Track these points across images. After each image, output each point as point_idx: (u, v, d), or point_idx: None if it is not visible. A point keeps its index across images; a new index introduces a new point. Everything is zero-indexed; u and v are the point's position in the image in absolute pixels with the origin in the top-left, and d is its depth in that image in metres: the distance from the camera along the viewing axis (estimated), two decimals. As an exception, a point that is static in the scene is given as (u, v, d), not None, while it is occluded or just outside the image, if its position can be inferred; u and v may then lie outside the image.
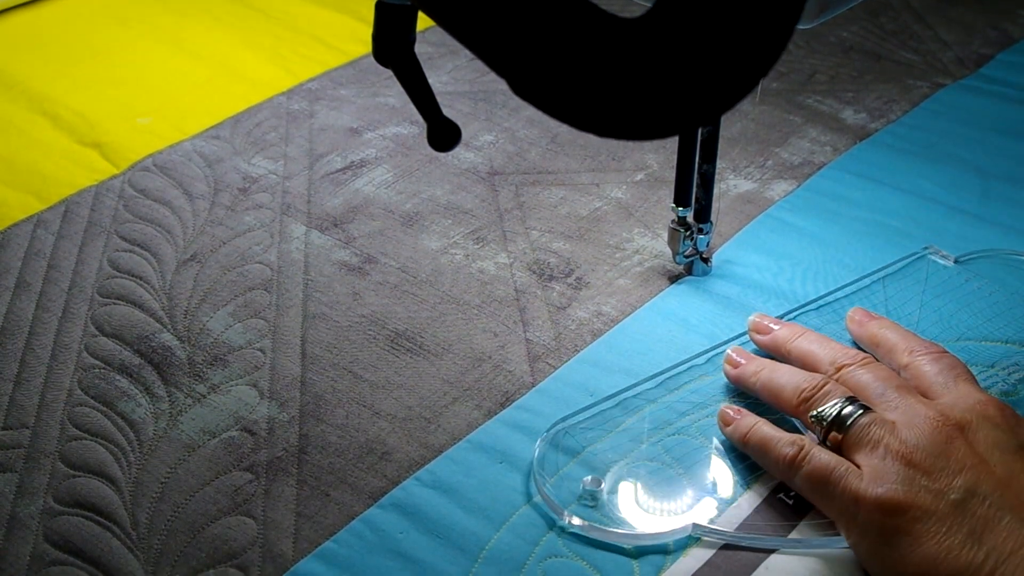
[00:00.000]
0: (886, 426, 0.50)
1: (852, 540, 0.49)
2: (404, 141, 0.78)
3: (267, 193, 0.73)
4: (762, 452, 0.53)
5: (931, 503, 0.47)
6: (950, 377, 0.53)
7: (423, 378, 0.59)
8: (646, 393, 0.57)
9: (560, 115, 0.40)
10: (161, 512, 0.52)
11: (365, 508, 0.52)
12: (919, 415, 0.50)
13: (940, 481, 0.48)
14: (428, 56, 0.87)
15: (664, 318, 0.63)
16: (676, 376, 0.58)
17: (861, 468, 0.49)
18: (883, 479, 0.48)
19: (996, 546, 0.45)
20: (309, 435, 0.56)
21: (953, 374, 0.54)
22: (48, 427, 0.56)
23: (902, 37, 0.91)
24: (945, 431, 0.49)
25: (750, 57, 0.37)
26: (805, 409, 0.53)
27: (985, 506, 0.46)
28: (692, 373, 0.59)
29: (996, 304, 0.62)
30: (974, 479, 0.47)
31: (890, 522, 0.47)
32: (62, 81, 0.85)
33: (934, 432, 0.49)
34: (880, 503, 0.47)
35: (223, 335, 0.61)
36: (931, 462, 0.48)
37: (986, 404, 0.51)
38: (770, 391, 0.55)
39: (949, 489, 0.47)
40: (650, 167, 0.75)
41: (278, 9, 0.96)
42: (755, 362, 0.57)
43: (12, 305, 0.64)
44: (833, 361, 0.55)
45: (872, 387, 0.53)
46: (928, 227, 0.69)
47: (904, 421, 0.50)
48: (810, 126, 0.79)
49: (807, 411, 0.53)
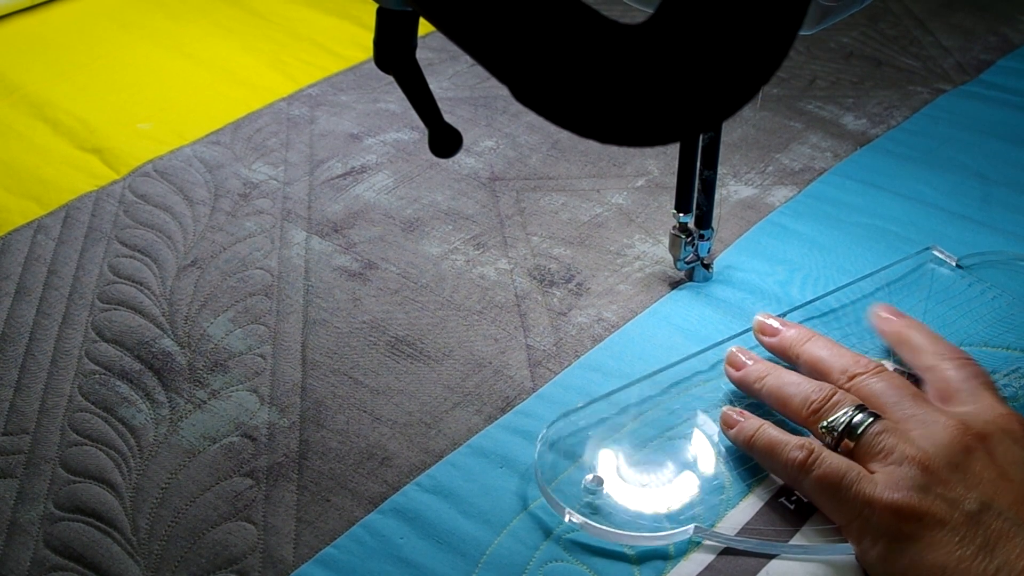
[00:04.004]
0: (899, 433, 0.50)
1: (861, 547, 0.49)
2: (405, 147, 0.78)
3: (268, 199, 0.73)
4: (769, 456, 0.53)
5: (946, 512, 0.47)
6: (975, 386, 0.53)
7: (423, 384, 0.59)
8: (647, 396, 0.57)
9: (561, 121, 0.40)
10: (161, 517, 0.52)
11: (365, 513, 0.52)
12: (938, 423, 0.50)
13: (956, 491, 0.47)
14: (429, 62, 0.87)
15: (665, 324, 0.63)
16: (678, 379, 0.58)
17: (874, 474, 0.49)
18: (898, 485, 0.48)
19: (1008, 561, 0.45)
20: (309, 441, 0.56)
21: (978, 383, 0.53)
22: (48, 433, 0.56)
23: (902, 43, 0.91)
24: (964, 441, 0.49)
25: (751, 63, 0.37)
26: (815, 420, 0.52)
27: (1000, 520, 0.46)
28: (693, 374, 0.59)
29: (998, 309, 0.62)
30: (991, 492, 0.47)
31: (904, 528, 0.47)
32: (63, 86, 0.85)
33: (953, 441, 0.49)
34: (895, 508, 0.47)
35: (223, 341, 0.61)
36: (948, 471, 0.48)
37: (1009, 418, 0.51)
38: (777, 399, 0.55)
39: (965, 500, 0.47)
40: (651, 173, 0.75)
41: (279, 14, 0.96)
42: (759, 365, 0.57)
43: (12, 311, 0.64)
44: (844, 370, 0.55)
45: (886, 395, 0.52)
46: (929, 232, 0.69)
47: (921, 428, 0.50)
48: (811, 132, 0.79)
49: (817, 422, 0.52)
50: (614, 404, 0.57)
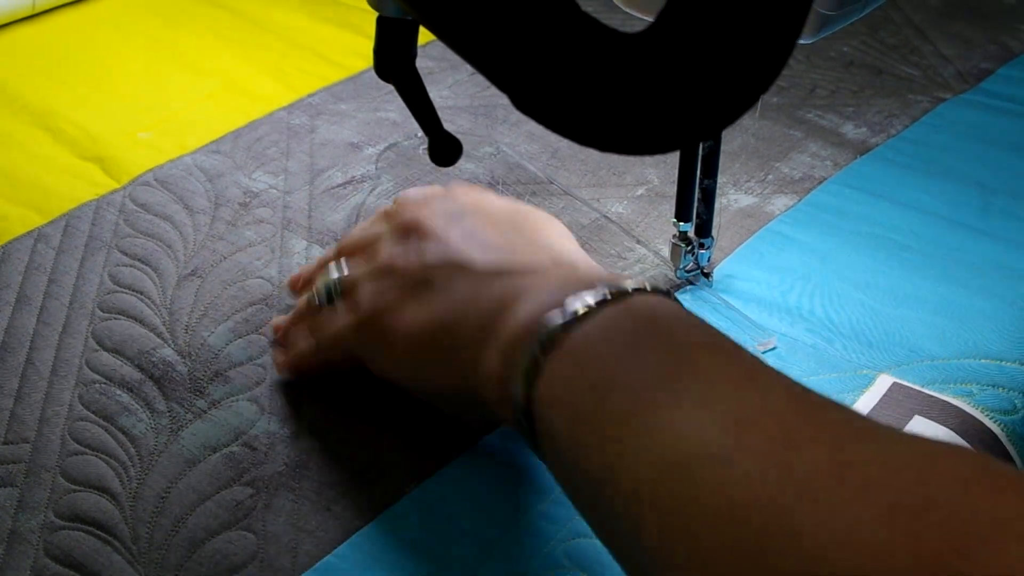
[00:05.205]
0: (363, 264, 0.57)
1: (374, 367, 0.56)
2: (404, 152, 0.78)
3: (268, 208, 0.73)
4: (299, 364, 0.59)
5: (398, 295, 0.54)
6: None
7: (424, 392, 0.59)
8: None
9: (561, 129, 0.40)
10: (161, 526, 0.52)
11: (365, 523, 0.52)
12: (385, 233, 0.58)
13: (402, 278, 0.54)
14: (429, 70, 0.87)
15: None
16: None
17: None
18: (367, 301, 0.55)
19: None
20: (310, 450, 0.55)
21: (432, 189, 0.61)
22: (49, 441, 0.56)
23: (903, 52, 0.91)
24: (409, 230, 0.56)
25: (751, 72, 0.37)
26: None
27: (443, 267, 0.53)
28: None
29: (998, 321, 0.62)
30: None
31: (377, 329, 0.54)
32: (63, 95, 0.85)
33: (395, 240, 0.56)
34: (357, 326, 0.55)
35: (224, 350, 0.61)
36: (391, 269, 0.55)
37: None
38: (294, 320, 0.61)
39: (413, 275, 0.54)
40: (651, 182, 0.75)
41: (279, 24, 0.96)
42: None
43: (13, 320, 0.63)
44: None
45: (353, 239, 0.60)
46: (928, 241, 0.69)
47: (378, 246, 0.57)
48: (811, 140, 0.79)
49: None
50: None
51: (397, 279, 0.54)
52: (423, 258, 0.54)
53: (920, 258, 0.67)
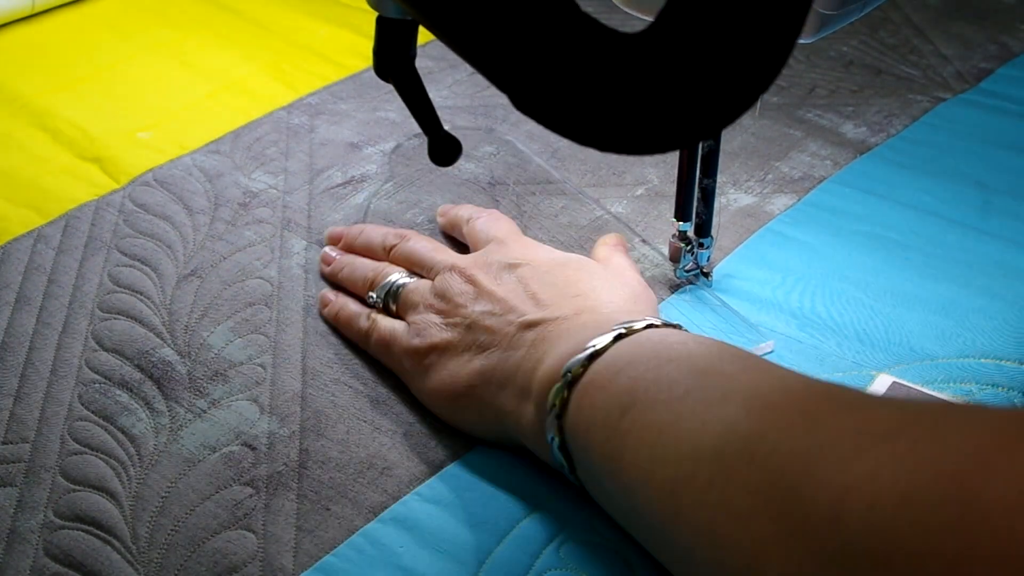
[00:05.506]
0: (422, 284, 0.59)
1: (415, 390, 0.57)
2: (404, 153, 0.78)
3: (267, 208, 0.73)
4: (347, 329, 0.61)
5: (450, 337, 0.55)
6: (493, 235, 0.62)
7: (424, 392, 0.59)
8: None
9: (561, 129, 0.40)
10: (161, 526, 0.52)
11: (365, 522, 0.52)
12: (447, 267, 0.59)
13: (455, 317, 0.56)
14: (428, 70, 0.87)
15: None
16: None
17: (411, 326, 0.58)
18: (418, 330, 0.57)
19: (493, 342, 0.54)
20: (309, 450, 0.56)
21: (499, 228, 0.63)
22: (48, 441, 0.56)
23: (902, 51, 0.91)
24: (458, 275, 0.58)
25: (751, 72, 0.37)
26: (369, 292, 0.62)
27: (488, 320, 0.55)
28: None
29: (998, 321, 0.62)
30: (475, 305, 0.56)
31: (425, 363, 0.56)
32: (62, 96, 0.85)
33: (451, 279, 0.58)
34: (412, 351, 0.57)
35: (223, 350, 0.61)
36: (446, 303, 0.57)
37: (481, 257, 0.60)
38: (351, 283, 0.64)
39: (461, 320, 0.56)
40: (651, 181, 0.75)
41: (278, 23, 0.96)
42: (343, 258, 0.65)
43: (12, 320, 0.63)
44: (383, 243, 0.64)
45: (421, 256, 0.62)
46: (928, 240, 0.69)
47: (438, 278, 0.59)
48: (810, 140, 0.79)
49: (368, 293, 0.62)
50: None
51: (455, 318, 0.56)
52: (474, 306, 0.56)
53: (920, 257, 0.67)
